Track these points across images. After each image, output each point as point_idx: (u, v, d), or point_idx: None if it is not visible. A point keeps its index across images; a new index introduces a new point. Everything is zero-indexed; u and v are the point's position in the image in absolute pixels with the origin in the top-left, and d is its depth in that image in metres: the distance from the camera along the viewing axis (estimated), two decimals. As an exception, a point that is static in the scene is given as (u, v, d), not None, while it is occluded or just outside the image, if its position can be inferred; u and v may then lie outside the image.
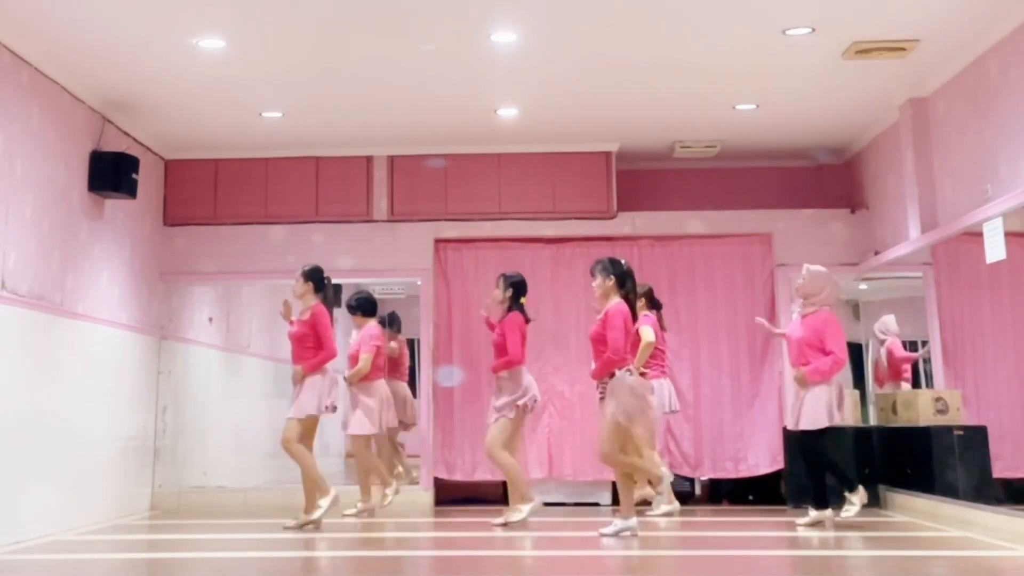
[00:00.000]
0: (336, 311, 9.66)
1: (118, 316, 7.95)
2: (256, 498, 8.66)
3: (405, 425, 8.97)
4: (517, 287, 7.16)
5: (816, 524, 6.75)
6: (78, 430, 7.12)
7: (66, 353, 7.01)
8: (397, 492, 7.95)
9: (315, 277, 7.16)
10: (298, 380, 6.94)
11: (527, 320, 7.14)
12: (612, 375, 6.23)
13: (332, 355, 7.00)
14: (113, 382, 7.83)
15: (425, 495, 8.61)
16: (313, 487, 6.88)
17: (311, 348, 6.96)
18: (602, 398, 6.32)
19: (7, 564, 5.53)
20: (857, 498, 6.78)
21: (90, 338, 7.40)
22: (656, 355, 7.63)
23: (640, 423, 6.30)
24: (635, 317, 6.66)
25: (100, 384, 7.56)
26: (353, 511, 7.66)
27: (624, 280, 6.47)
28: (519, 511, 6.89)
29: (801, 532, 6.60)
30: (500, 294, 7.19)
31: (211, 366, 9.79)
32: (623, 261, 6.57)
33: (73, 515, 7.03)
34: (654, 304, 7.90)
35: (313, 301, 7.12)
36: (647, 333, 7.25)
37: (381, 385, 7.84)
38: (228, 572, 5.57)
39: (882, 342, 8.89)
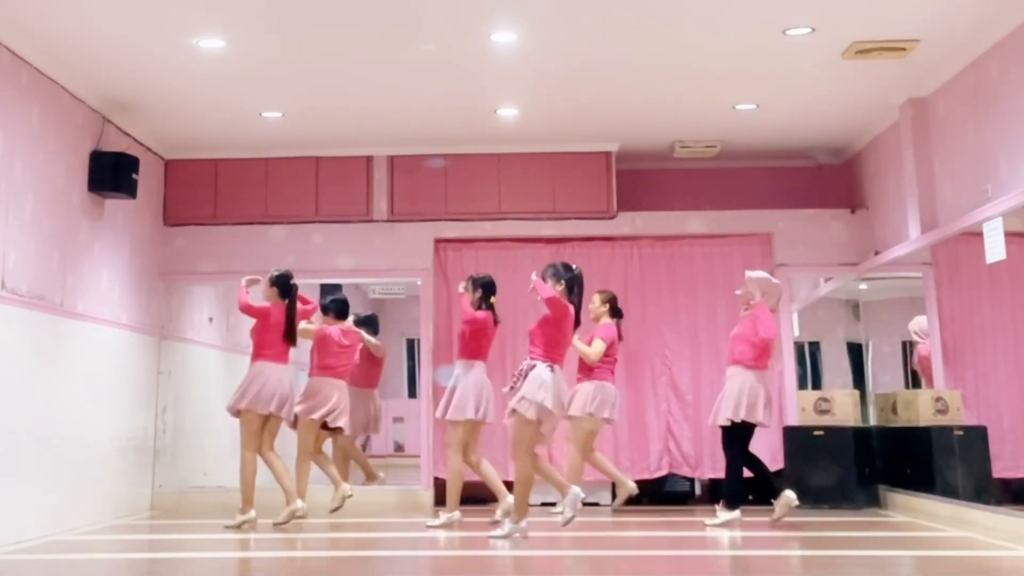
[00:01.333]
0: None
1: (118, 316, 7.95)
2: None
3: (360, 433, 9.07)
4: (486, 288, 7.13)
5: (726, 524, 6.94)
6: (78, 430, 7.12)
7: (66, 353, 7.01)
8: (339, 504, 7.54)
9: (280, 283, 7.25)
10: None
11: (496, 321, 7.12)
12: (533, 367, 6.14)
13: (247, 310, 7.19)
14: (113, 382, 7.83)
15: (425, 495, 8.61)
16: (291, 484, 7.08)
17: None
18: (512, 388, 6.22)
19: (7, 564, 5.53)
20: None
21: (90, 338, 7.40)
22: (606, 361, 7.72)
23: (549, 420, 6.16)
24: (578, 323, 6.52)
25: (100, 384, 7.56)
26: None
27: (572, 285, 6.35)
28: (437, 518, 7.08)
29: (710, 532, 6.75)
30: (470, 296, 7.14)
31: (211, 366, 9.79)
32: (574, 266, 6.46)
33: (73, 515, 7.03)
34: (616, 313, 7.90)
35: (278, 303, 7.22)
36: (597, 345, 7.60)
37: (326, 383, 7.55)
38: (228, 572, 5.57)
39: (915, 344, 8.86)
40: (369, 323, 9.21)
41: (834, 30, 6.48)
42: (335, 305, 7.93)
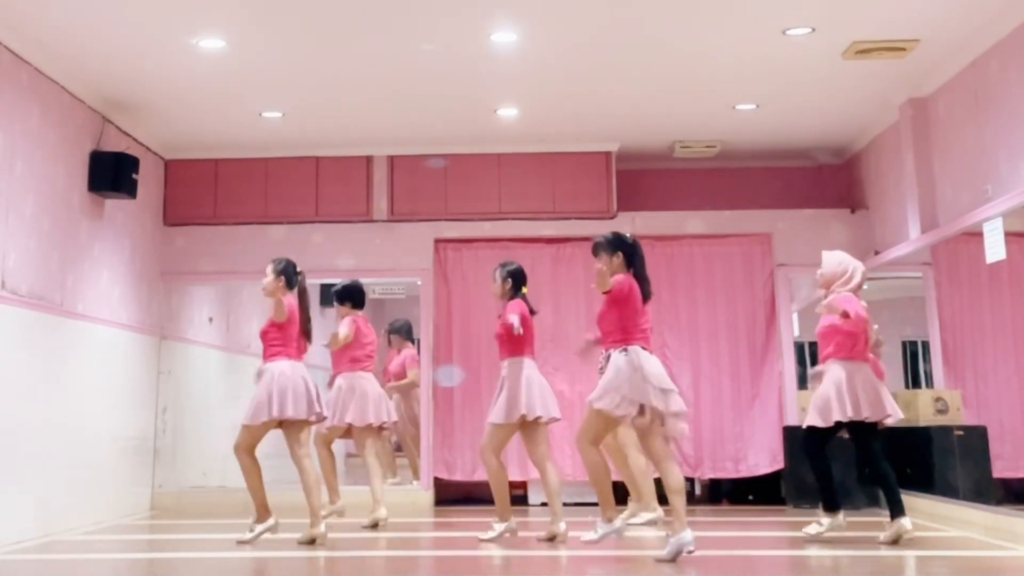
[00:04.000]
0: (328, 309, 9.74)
1: (118, 316, 7.95)
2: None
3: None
4: (515, 277, 6.42)
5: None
6: (78, 430, 7.12)
7: (66, 353, 7.01)
8: (338, 514, 7.15)
9: (287, 272, 6.33)
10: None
11: (532, 312, 6.37)
12: (608, 357, 5.50)
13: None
14: (113, 382, 7.83)
15: (425, 495, 8.61)
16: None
17: (275, 345, 6.24)
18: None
19: (7, 564, 5.53)
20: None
21: (90, 338, 7.40)
22: None
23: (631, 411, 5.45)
24: (646, 297, 5.76)
25: (100, 384, 7.56)
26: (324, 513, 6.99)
27: (632, 256, 5.64)
28: (493, 530, 6.22)
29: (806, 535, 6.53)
30: (499, 287, 6.43)
31: (211, 366, 9.79)
32: (628, 234, 5.75)
33: (73, 515, 7.03)
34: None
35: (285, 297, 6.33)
36: None
37: (360, 378, 7.17)
38: (228, 572, 5.57)
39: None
40: (405, 332, 9.49)
41: (834, 30, 6.48)
42: (353, 293, 7.41)
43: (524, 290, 6.44)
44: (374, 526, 6.94)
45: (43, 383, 6.65)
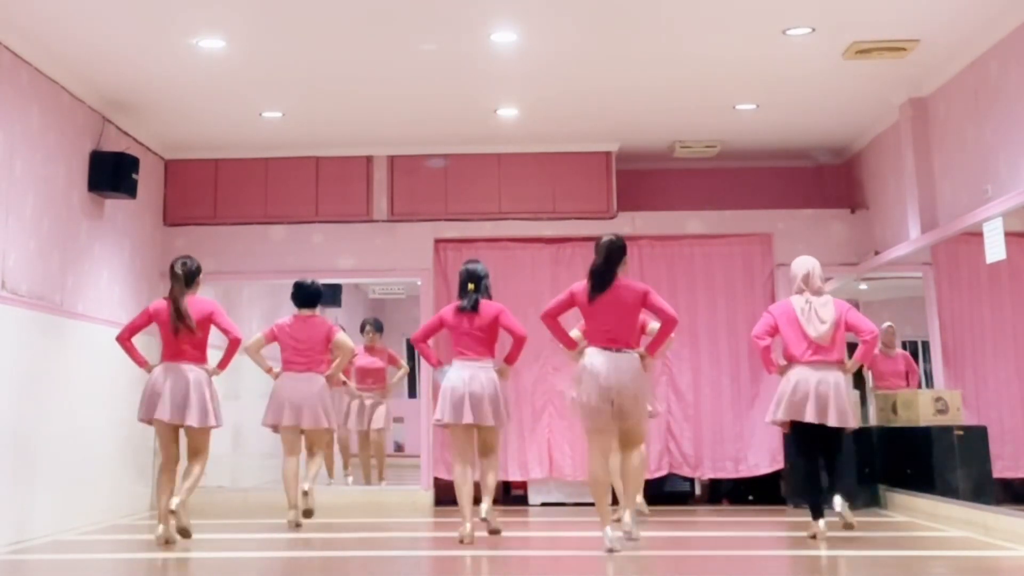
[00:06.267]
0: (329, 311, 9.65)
1: (118, 316, 7.94)
2: (256, 498, 8.66)
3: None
4: (460, 277, 6.59)
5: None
6: (78, 430, 7.12)
7: (66, 353, 7.01)
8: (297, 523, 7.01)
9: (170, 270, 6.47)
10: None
11: (459, 310, 6.48)
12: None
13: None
14: (113, 382, 7.82)
15: (425, 495, 8.61)
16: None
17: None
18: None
19: (7, 564, 5.53)
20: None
21: (90, 338, 7.40)
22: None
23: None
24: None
25: (100, 384, 7.56)
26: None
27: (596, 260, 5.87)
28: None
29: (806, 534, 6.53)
30: None
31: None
32: (606, 239, 5.91)
33: (73, 515, 7.03)
34: None
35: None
36: None
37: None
38: (228, 572, 5.57)
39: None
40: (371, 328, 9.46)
41: (834, 30, 6.48)
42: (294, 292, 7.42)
43: (470, 287, 6.48)
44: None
45: (43, 383, 6.65)
